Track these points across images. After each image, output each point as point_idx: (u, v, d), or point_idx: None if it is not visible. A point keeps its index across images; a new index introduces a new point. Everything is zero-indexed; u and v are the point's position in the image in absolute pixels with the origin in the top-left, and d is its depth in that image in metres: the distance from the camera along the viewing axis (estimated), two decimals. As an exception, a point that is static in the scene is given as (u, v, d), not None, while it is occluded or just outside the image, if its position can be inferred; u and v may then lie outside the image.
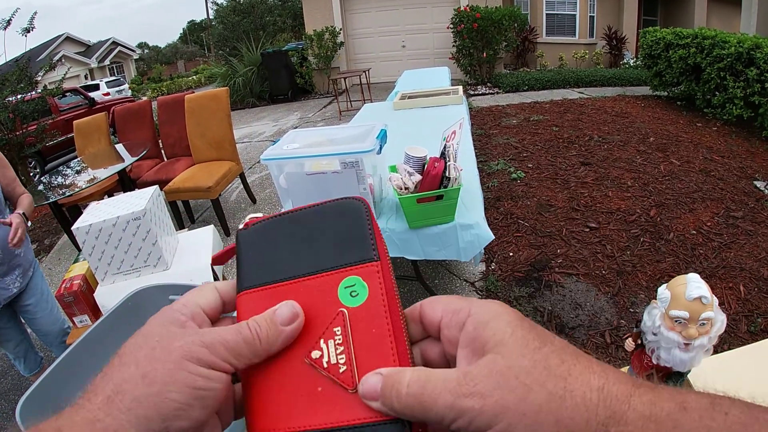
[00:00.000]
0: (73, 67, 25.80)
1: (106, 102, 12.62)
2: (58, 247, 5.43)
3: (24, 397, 0.94)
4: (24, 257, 2.52)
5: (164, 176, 4.97)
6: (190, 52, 47.17)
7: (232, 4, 19.62)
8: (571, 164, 5.31)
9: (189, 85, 24.99)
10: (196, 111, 5.00)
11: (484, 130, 7.08)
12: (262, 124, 10.33)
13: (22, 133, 8.06)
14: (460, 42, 10.99)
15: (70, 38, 30.68)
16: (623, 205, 4.27)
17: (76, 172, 4.95)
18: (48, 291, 2.78)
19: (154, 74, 36.59)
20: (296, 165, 2.16)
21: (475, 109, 8.69)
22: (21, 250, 2.47)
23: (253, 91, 13.12)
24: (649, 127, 6.53)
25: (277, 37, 19.12)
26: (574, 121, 7.08)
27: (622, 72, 11.09)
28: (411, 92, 4.59)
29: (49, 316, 2.73)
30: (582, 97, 9.10)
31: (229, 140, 5.01)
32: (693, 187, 4.53)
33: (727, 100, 6.44)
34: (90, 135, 5.76)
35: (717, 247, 3.54)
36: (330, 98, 12.11)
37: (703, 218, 3.96)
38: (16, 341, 2.74)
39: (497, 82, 10.97)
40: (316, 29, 12.52)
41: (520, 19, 12.38)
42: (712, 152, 5.45)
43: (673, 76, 7.78)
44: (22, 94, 8.22)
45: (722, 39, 6.62)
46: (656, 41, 8.18)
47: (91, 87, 19.64)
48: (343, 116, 9.48)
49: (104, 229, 2.03)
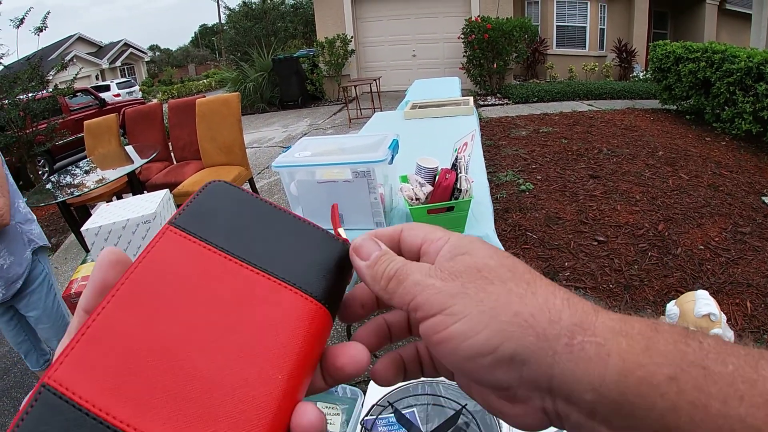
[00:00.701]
0: (85, 68, 25.99)
1: (116, 103, 12.70)
2: (65, 246, 5.46)
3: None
4: (7, 270, 2.43)
5: (173, 179, 4.98)
6: (201, 56, 47.42)
7: (244, 9, 19.69)
8: (580, 177, 5.31)
9: (199, 89, 25.14)
10: (207, 115, 5.02)
11: (494, 141, 7.08)
12: (271, 130, 10.37)
13: (32, 132, 8.12)
14: (471, 52, 11.02)
15: (82, 38, 30.99)
16: (631, 219, 4.26)
17: (85, 172, 4.97)
18: (56, 307, 2.72)
19: (165, 77, 36.86)
20: (307, 173, 2.16)
21: (485, 119, 8.70)
22: (3, 262, 2.41)
23: (263, 96, 13.18)
24: (658, 140, 6.51)
25: (289, 43, 19.18)
26: (584, 134, 7.07)
27: (631, 85, 11.08)
28: (422, 102, 4.60)
29: (51, 330, 2.68)
30: (591, 109, 9.10)
31: (239, 145, 5.02)
32: (701, 202, 4.51)
33: (737, 114, 6.42)
34: (100, 136, 5.79)
35: (724, 263, 3.53)
36: (340, 106, 12.15)
37: (711, 233, 3.95)
38: (15, 342, 2.72)
39: (507, 93, 10.99)
40: (327, 36, 12.58)
41: (531, 31, 12.41)
42: (721, 167, 5.43)
43: (682, 89, 7.77)
44: (33, 92, 8.28)
45: (732, 53, 6.61)
46: (666, 55, 8.18)
47: (102, 88, 19.78)
48: (352, 124, 9.51)
49: (114, 231, 2.03)
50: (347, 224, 2.29)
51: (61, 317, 2.73)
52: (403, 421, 1.18)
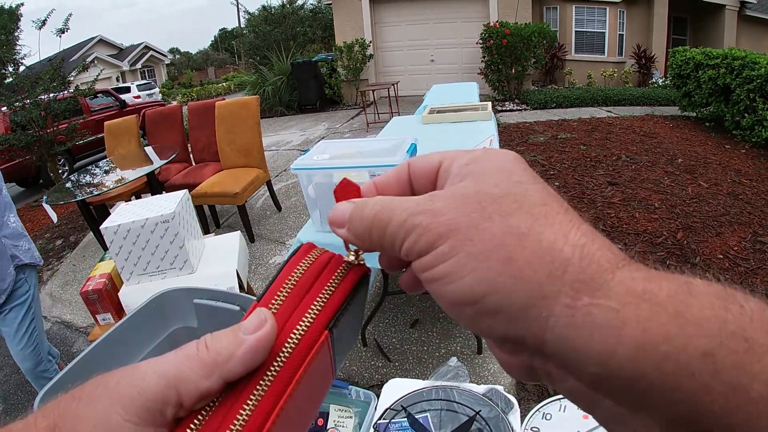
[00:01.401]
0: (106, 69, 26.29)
1: (136, 105, 12.87)
2: (83, 244, 5.52)
3: (42, 392, 0.96)
4: None
5: (192, 180, 5.02)
6: (221, 59, 47.82)
7: (263, 14, 19.82)
8: (598, 184, 5.27)
9: (219, 92, 25.37)
10: (227, 118, 5.05)
11: (512, 147, 7.05)
12: (289, 133, 10.41)
13: (53, 131, 8.24)
14: (489, 58, 10.99)
15: (103, 41, 31.38)
16: (650, 227, 4.22)
17: (105, 172, 5.04)
18: (29, 332, 2.58)
19: (185, 79, 37.24)
20: (325, 175, 2.17)
21: (503, 125, 8.67)
22: None
23: (282, 100, 13.24)
24: (678, 148, 6.45)
25: (307, 47, 19.27)
26: (602, 140, 7.02)
27: (650, 91, 11.00)
28: (440, 107, 4.59)
29: (17, 352, 2.59)
30: (610, 115, 9.03)
31: (257, 148, 5.05)
32: (721, 211, 4.46)
33: (756, 122, 6.36)
34: (120, 136, 5.86)
35: (743, 273, 3.48)
36: (358, 110, 12.17)
37: (731, 242, 3.90)
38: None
39: (525, 98, 10.95)
40: (346, 41, 12.62)
41: (550, 36, 12.34)
42: (741, 175, 5.36)
43: (702, 96, 7.69)
44: (55, 92, 8.40)
45: (752, 60, 6.54)
46: (685, 61, 8.11)
47: (123, 89, 19.97)
48: (370, 128, 9.52)
49: (132, 230, 2.05)
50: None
51: (32, 345, 2.61)
52: (417, 426, 1.17)
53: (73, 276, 4.80)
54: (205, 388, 0.28)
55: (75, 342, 3.76)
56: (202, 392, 0.28)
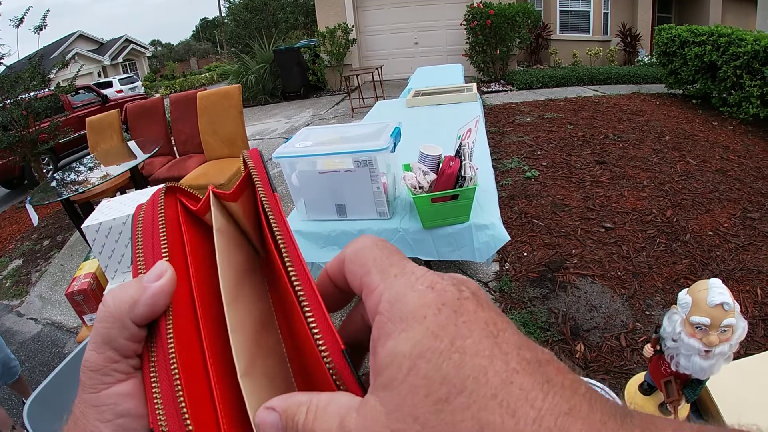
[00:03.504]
0: (86, 65, 25.99)
1: (119, 99, 12.70)
2: (70, 243, 5.46)
3: (30, 399, 0.93)
4: None
5: (176, 173, 4.97)
6: (203, 50, 47.42)
7: (244, 1, 19.62)
8: (586, 163, 5.25)
9: (202, 83, 25.16)
10: (209, 108, 4.99)
11: (498, 128, 7.02)
12: (274, 122, 10.33)
13: (35, 130, 8.12)
14: (473, 39, 10.91)
15: (83, 36, 30.98)
16: (639, 205, 4.21)
17: (89, 169, 4.96)
18: None
19: (167, 71, 36.88)
20: (308, 163, 2.13)
21: (489, 106, 8.64)
22: None
23: (265, 88, 13.13)
24: (665, 125, 6.44)
25: (290, 34, 19.12)
26: (589, 119, 7.00)
27: (636, 69, 10.98)
28: (424, 89, 4.55)
29: None
30: (596, 94, 9.01)
31: (241, 137, 4.99)
32: (709, 188, 4.46)
33: (744, 98, 6.35)
34: (102, 132, 5.78)
35: (734, 249, 3.48)
36: (342, 95, 12.10)
37: (720, 219, 3.90)
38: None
39: (511, 79, 10.90)
40: (328, 26, 12.50)
41: (534, 16, 12.27)
42: (729, 152, 5.37)
43: (688, 74, 7.67)
44: (35, 91, 8.28)
45: (738, 36, 6.53)
46: (671, 38, 8.08)
47: (104, 84, 19.76)
48: (355, 113, 9.46)
49: (114, 227, 2.01)
50: (350, 215, 2.26)
51: None
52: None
53: (62, 276, 4.74)
54: (126, 336, 0.31)
55: (66, 343, 3.71)
56: (127, 339, 0.31)
